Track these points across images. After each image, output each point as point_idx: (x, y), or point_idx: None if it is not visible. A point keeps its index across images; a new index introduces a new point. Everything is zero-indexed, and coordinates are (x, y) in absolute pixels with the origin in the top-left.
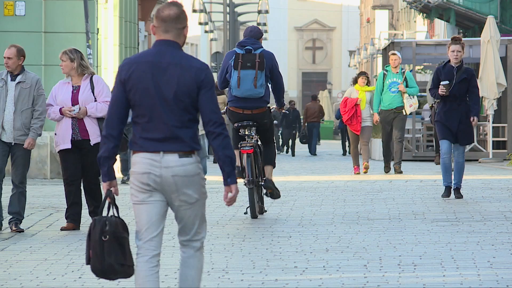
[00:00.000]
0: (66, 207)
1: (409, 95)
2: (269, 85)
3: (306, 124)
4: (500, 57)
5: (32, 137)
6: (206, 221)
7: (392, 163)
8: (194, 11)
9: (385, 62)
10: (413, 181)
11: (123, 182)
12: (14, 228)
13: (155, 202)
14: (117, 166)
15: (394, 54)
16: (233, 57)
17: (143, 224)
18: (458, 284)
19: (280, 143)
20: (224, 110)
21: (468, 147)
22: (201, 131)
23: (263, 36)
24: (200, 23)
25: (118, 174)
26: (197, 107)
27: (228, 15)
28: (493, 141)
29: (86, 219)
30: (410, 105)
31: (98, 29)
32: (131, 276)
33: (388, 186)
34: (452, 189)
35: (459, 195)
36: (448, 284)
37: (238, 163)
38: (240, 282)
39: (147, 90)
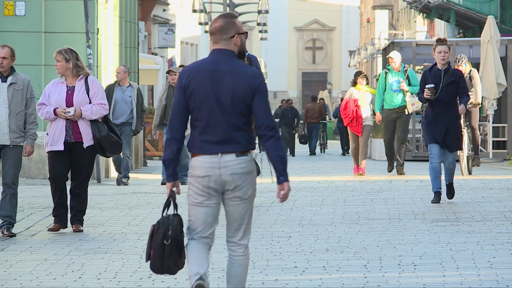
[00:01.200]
0: (53, 205)
1: (411, 94)
2: None
3: (306, 124)
4: (500, 57)
5: (30, 144)
6: (251, 224)
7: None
8: (194, 11)
9: (385, 62)
10: (413, 181)
11: (119, 182)
12: (6, 233)
13: (212, 205)
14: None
15: (391, 57)
16: None
17: (198, 224)
18: (458, 284)
19: None
20: None
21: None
22: (186, 132)
23: (264, 36)
24: (200, 23)
25: (114, 174)
26: (251, 111)
27: None
28: (493, 141)
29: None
30: (412, 103)
31: (98, 29)
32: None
33: (388, 186)
34: (446, 184)
35: (451, 195)
36: (448, 284)
37: None
38: None
39: (205, 96)
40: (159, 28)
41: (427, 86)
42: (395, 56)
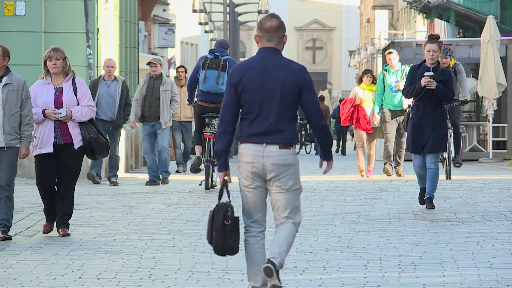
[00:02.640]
0: (44, 206)
1: None
2: None
3: None
4: (500, 57)
5: (25, 146)
6: (301, 210)
7: (393, 165)
8: (194, 11)
9: (385, 62)
10: (413, 181)
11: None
12: (1, 235)
13: (258, 188)
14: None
15: (390, 53)
16: (203, 60)
17: (248, 206)
18: (458, 284)
19: None
20: (194, 104)
21: (468, 147)
22: (165, 126)
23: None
24: (200, 23)
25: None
26: (297, 105)
27: (228, 15)
28: (493, 141)
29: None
30: (408, 104)
31: (98, 29)
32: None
33: (388, 186)
34: (425, 198)
35: (431, 206)
36: (448, 284)
37: (198, 153)
38: (240, 282)
39: (256, 91)
40: (159, 28)
41: (426, 73)
42: (395, 52)
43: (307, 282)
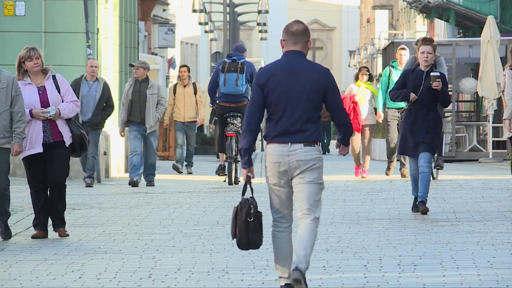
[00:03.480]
0: (35, 214)
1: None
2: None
3: None
4: (500, 57)
5: (18, 143)
6: (321, 205)
7: (395, 167)
8: (194, 11)
9: (385, 62)
10: None
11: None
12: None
13: (284, 186)
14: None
15: (403, 49)
16: (222, 64)
17: (276, 203)
18: (458, 284)
19: None
20: (215, 106)
21: (468, 147)
22: (150, 130)
23: (264, 36)
24: (200, 23)
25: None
26: (322, 106)
27: (228, 15)
28: (493, 141)
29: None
30: (402, 107)
31: (98, 29)
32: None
33: (388, 186)
34: (417, 202)
35: (424, 208)
36: (448, 284)
37: (221, 161)
38: (240, 282)
39: (282, 92)
40: (159, 28)
41: (432, 73)
42: (408, 50)
43: (307, 282)
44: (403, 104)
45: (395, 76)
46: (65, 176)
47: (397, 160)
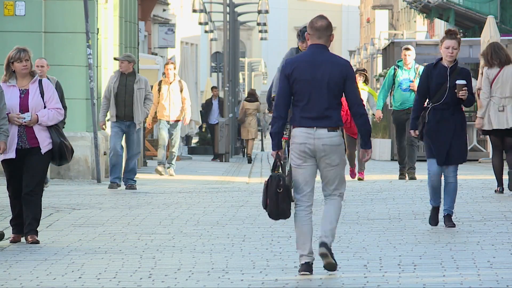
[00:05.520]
0: (12, 216)
1: None
2: None
3: None
4: None
5: (3, 141)
6: (345, 181)
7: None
8: (194, 11)
9: (385, 62)
10: (413, 181)
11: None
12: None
13: (308, 166)
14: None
15: (408, 49)
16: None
17: (300, 182)
18: (458, 284)
19: None
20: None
21: (468, 147)
22: (139, 126)
23: (264, 36)
24: (200, 23)
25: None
26: (341, 94)
27: (228, 15)
28: None
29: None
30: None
31: (98, 29)
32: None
33: (388, 186)
34: (443, 216)
35: (450, 224)
36: (448, 284)
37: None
38: (240, 282)
39: (306, 81)
40: (159, 28)
41: (458, 82)
42: (413, 50)
43: (307, 282)
44: (409, 105)
45: (401, 76)
46: (39, 184)
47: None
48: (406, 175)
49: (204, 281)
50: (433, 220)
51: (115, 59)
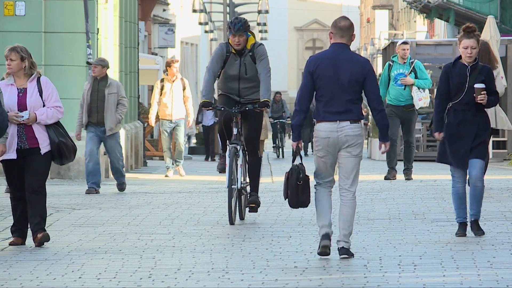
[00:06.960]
0: (14, 220)
1: (418, 88)
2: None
3: None
4: (500, 57)
5: (2, 143)
6: (358, 179)
7: (399, 169)
8: (194, 11)
9: (385, 62)
10: (413, 181)
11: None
12: None
13: (330, 158)
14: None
15: (405, 43)
16: None
17: (321, 171)
18: (458, 284)
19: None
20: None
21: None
22: (110, 132)
23: (264, 36)
24: (200, 23)
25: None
26: (362, 90)
27: (228, 15)
28: (493, 141)
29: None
30: (419, 99)
31: (98, 29)
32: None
33: (388, 186)
34: (468, 223)
35: (479, 232)
36: (448, 284)
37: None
38: (240, 282)
39: (329, 78)
40: (159, 28)
41: (476, 85)
42: (409, 45)
43: (307, 282)
44: (404, 101)
45: (395, 71)
46: (41, 184)
47: (395, 164)
48: (391, 179)
49: (204, 281)
50: (462, 231)
51: (87, 63)
